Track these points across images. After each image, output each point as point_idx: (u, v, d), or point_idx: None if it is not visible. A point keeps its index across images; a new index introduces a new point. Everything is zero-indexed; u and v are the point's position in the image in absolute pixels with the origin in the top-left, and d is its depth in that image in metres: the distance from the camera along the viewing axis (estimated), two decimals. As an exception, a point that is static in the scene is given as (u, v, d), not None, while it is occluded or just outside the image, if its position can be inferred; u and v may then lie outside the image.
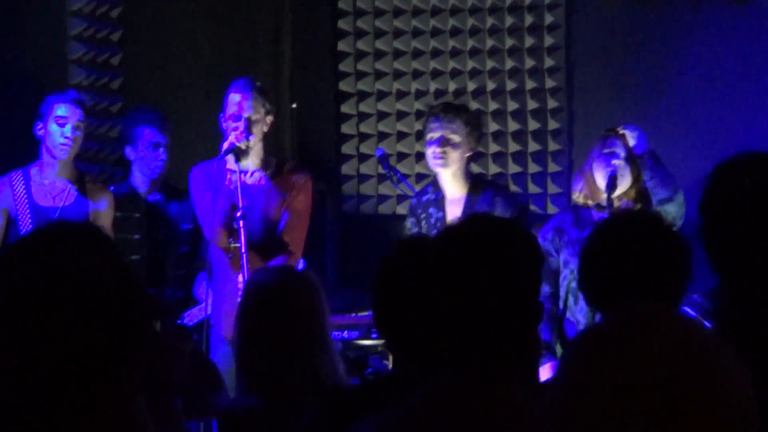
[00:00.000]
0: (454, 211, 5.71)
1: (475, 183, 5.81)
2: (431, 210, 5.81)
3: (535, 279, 2.37)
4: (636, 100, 7.76)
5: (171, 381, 3.14)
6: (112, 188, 6.38)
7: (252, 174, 5.80)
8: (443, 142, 5.68)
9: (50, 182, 6.06)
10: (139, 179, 6.49)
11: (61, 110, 5.99)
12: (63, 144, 5.98)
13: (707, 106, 7.56)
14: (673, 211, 5.43)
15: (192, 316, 6.04)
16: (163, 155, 6.40)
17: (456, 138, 5.68)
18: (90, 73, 6.98)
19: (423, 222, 5.84)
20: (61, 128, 5.97)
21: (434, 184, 5.93)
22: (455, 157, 5.69)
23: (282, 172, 5.86)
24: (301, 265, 5.96)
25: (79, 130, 6.03)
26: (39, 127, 6.00)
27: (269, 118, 5.83)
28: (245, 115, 5.71)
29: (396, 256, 2.76)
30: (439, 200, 5.80)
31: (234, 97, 5.75)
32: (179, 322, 5.81)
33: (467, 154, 5.74)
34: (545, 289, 5.35)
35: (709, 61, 7.60)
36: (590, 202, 5.58)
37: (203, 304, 5.90)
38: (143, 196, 6.47)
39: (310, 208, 5.92)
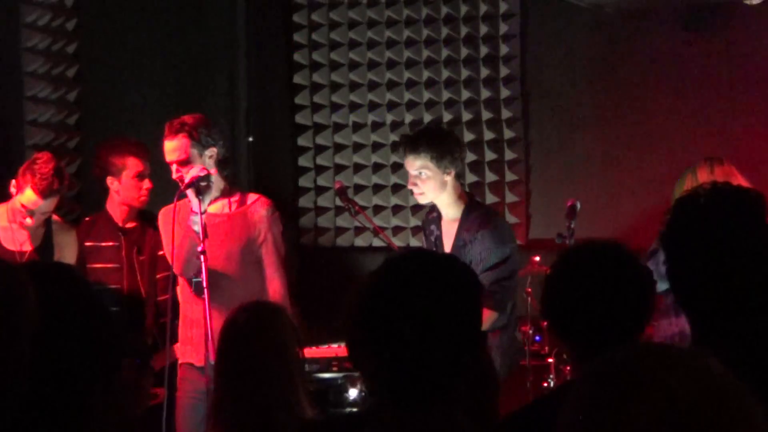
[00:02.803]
0: (449, 232, 5.77)
1: (469, 206, 5.82)
2: (433, 227, 5.89)
3: (473, 312, 2.39)
4: (593, 130, 7.80)
5: (129, 418, 3.13)
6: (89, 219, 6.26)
7: (213, 203, 5.72)
8: (413, 178, 5.73)
9: (15, 225, 5.92)
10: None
11: None
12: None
13: (666, 136, 7.60)
14: None
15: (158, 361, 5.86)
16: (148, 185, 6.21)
17: (425, 172, 5.71)
18: (45, 108, 6.94)
19: (431, 237, 5.90)
20: None
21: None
22: (430, 187, 5.73)
23: (245, 202, 5.81)
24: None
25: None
26: None
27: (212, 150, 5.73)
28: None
29: (367, 285, 2.77)
30: (439, 220, 5.86)
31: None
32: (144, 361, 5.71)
33: (446, 179, 5.75)
34: None
35: (668, 92, 7.65)
36: None
37: (167, 349, 5.79)
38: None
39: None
